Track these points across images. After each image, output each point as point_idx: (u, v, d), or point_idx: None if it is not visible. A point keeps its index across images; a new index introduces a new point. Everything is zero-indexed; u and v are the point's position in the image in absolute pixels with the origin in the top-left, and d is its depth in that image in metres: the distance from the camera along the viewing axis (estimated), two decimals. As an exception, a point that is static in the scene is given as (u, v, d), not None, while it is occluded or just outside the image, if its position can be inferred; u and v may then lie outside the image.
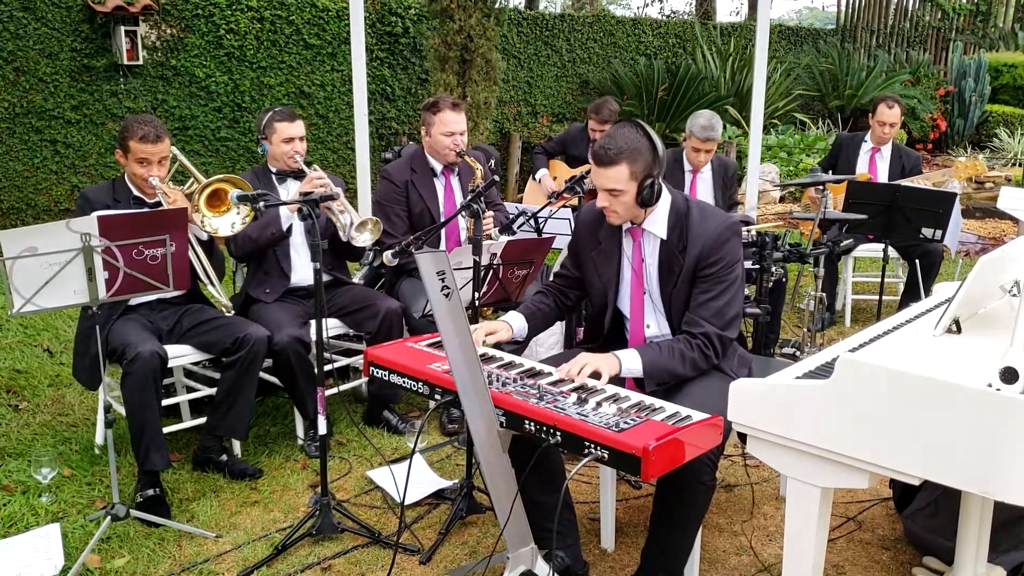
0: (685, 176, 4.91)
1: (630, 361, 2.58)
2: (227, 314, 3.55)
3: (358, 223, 3.70)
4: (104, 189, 3.51)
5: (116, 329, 3.34)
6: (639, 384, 2.64)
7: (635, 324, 2.80)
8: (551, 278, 3.06)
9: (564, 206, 4.55)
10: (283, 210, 3.70)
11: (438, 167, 4.17)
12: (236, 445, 3.65)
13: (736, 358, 2.77)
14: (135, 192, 3.50)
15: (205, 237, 3.50)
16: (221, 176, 3.44)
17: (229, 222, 3.44)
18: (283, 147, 3.83)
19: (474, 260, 3.11)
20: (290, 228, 3.79)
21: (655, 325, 2.78)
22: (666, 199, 2.70)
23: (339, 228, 3.75)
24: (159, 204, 3.44)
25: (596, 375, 2.49)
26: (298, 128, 3.85)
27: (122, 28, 7.30)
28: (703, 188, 4.93)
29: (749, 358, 2.86)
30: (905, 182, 5.16)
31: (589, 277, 2.85)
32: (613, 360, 2.55)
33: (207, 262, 3.52)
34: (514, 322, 2.82)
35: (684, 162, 4.92)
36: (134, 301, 3.45)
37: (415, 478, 3.39)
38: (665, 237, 2.68)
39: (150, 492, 3.19)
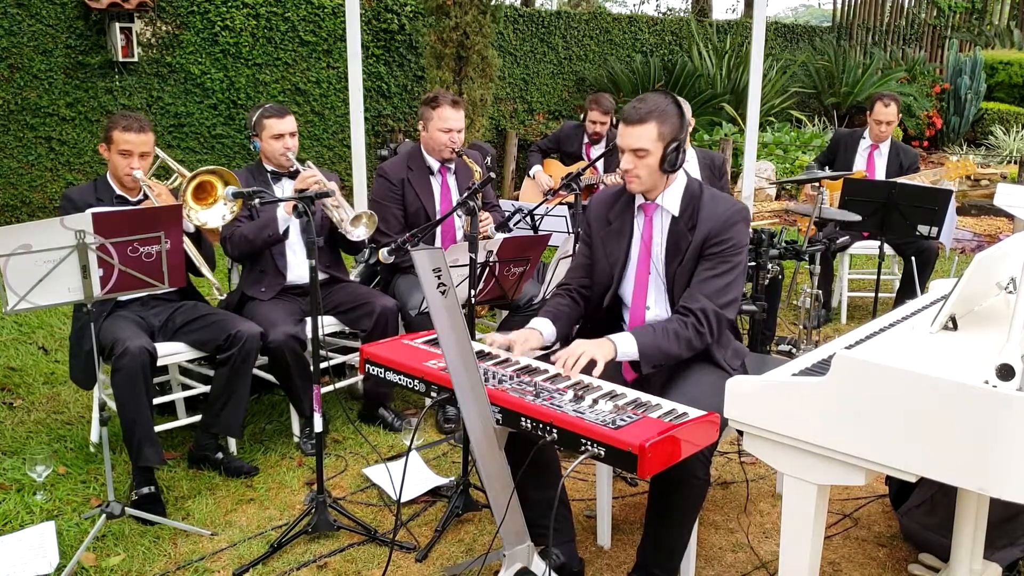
0: None
1: (625, 344, 2.57)
2: (218, 296, 3.54)
3: (352, 217, 3.69)
4: (86, 189, 3.50)
5: (106, 326, 3.33)
6: (635, 367, 2.64)
7: (637, 304, 2.79)
8: (564, 276, 3.03)
9: (560, 203, 4.55)
10: (280, 214, 3.69)
11: (435, 165, 4.16)
12: (232, 443, 3.64)
13: (730, 349, 2.77)
14: (118, 191, 3.49)
15: (192, 229, 3.49)
16: (207, 168, 3.42)
17: (219, 214, 3.43)
18: (274, 144, 3.81)
19: (470, 257, 3.10)
20: (287, 231, 3.77)
21: (655, 306, 2.78)
22: (682, 178, 2.73)
23: (336, 222, 3.75)
24: (143, 202, 3.43)
25: (592, 363, 2.47)
26: (288, 124, 3.83)
27: (117, 25, 7.28)
28: None
29: (744, 351, 2.86)
30: (902, 179, 5.17)
31: (597, 258, 2.85)
32: (608, 345, 2.55)
33: (196, 253, 3.52)
34: (543, 328, 2.76)
35: None
36: (125, 297, 3.43)
37: (411, 475, 3.39)
38: (677, 214, 2.70)
39: (145, 490, 3.18)
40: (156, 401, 3.35)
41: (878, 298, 4.89)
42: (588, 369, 2.47)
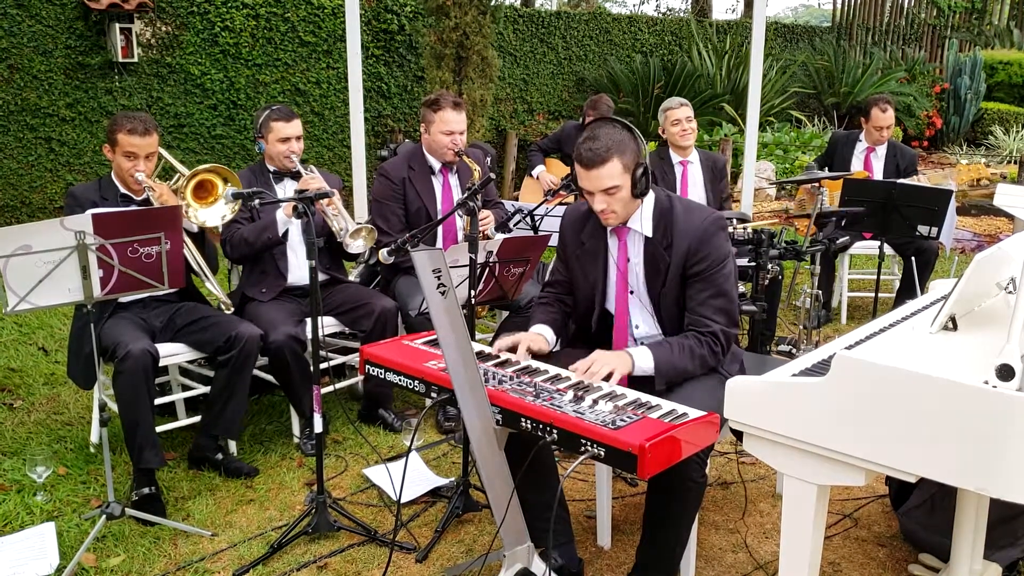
0: (675, 169, 4.91)
1: (642, 360, 2.56)
2: (226, 312, 3.52)
3: (352, 230, 3.69)
4: (91, 187, 3.50)
5: (108, 327, 3.32)
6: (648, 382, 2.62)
7: (620, 324, 2.79)
8: (543, 286, 3.03)
9: (561, 203, 4.55)
10: (280, 216, 3.70)
11: (436, 165, 4.16)
12: (232, 443, 3.64)
13: (728, 354, 2.77)
14: (122, 189, 3.49)
15: (195, 230, 3.49)
16: (207, 166, 3.41)
17: (218, 214, 3.43)
18: (279, 146, 3.81)
19: (470, 258, 3.10)
20: (286, 233, 3.77)
21: (644, 325, 2.78)
22: (650, 197, 2.70)
23: (335, 232, 3.75)
24: (147, 201, 3.43)
25: (609, 375, 2.47)
26: (295, 128, 3.83)
27: (117, 25, 7.28)
28: (694, 183, 4.94)
29: (740, 353, 2.86)
30: (903, 182, 5.17)
31: (576, 278, 2.84)
32: (627, 359, 2.54)
33: (199, 256, 3.51)
34: (547, 334, 2.76)
35: (671, 156, 4.93)
36: (126, 298, 3.43)
37: (411, 476, 3.39)
38: (650, 235, 2.67)
39: (145, 491, 3.18)
40: (156, 402, 3.35)
41: (878, 298, 4.89)
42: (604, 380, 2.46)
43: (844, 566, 2.92)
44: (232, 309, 3.58)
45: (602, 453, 2.07)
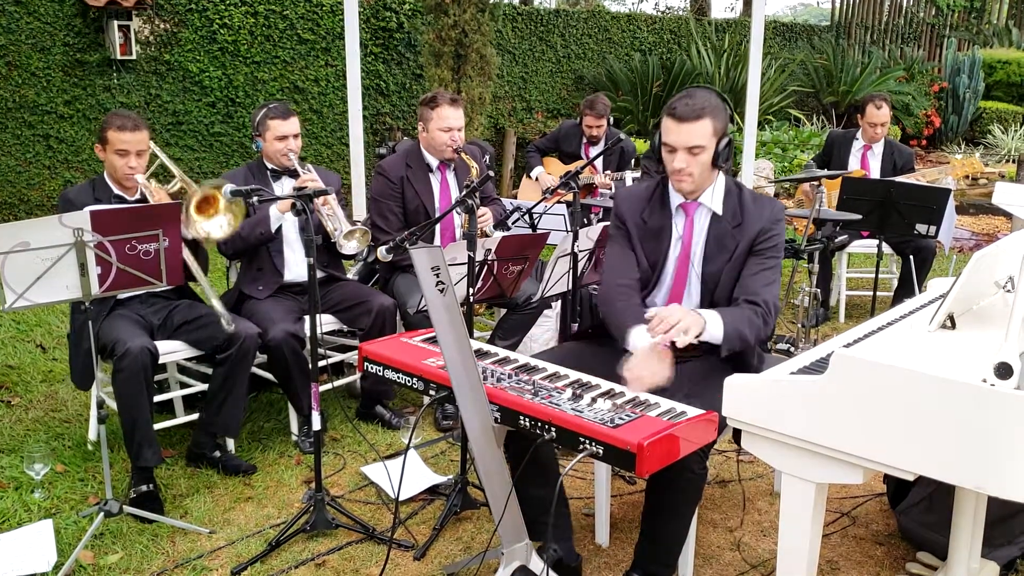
0: None
1: (713, 325, 2.52)
2: (226, 329, 3.38)
3: (346, 231, 3.69)
4: (84, 189, 3.48)
5: (106, 325, 3.32)
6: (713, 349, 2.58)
7: (672, 303, 2.76)
8: (616, 276, 2.84)
9: (559, 202, 4.54)
10: (273, 211, 3.69)
11: (434, 163, 4.16)
12: (230, 441, 3.64)
13: (757, 355, 2.75)
14: (116, 190, 3.48)
15: (189, 236, 3.48)
16: (213, 183, 3.41)
17: (218, 224, 3.42)
18: (277, 144, 3.80)
19: (468, 255, 3.10)
20: (279, 228, 3.77)
21: (687, 306, 2.76)
22: (722, 178, 2.72)
23: (329, 232, 3.74)
24: (140, 201, 3.43)
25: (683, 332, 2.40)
26: (292, 125, 3.82)
27: (115, 23, 7.28)
28: None
29: (764, 356, 2.84)
30: (900, 179, 5.17)
31: (636, 254, 2.81)
32: (700, 320, 2.48)
33: (193, 261, 3.50)
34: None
35: None
36: (124, 295, 3.42)
37: (409, 474, 3.39)
38: (720, 212, 2.69)
39: (143, 488, 3.18)
40: (155, 399, 3.34)
41: (876, 297, 4.90)
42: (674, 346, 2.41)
43: (842, 564, 2.92)
44: (233, 327, 3.41)
45: (600, 451, 2.07)
